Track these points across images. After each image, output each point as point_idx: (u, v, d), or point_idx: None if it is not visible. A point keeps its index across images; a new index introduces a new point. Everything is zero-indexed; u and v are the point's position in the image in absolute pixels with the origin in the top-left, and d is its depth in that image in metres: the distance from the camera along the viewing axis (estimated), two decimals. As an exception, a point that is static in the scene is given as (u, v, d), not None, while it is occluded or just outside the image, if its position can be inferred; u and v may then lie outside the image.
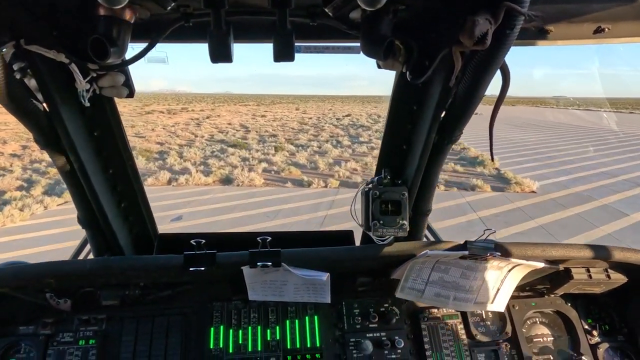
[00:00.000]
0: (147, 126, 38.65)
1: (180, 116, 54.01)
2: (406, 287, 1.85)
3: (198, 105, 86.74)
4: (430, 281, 1.83)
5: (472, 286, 1.83)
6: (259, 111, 68.10)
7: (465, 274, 1.82)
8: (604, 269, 1.96)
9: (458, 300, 1.87)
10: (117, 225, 1.94)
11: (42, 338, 1.80)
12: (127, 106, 75.65)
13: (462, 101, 1.44)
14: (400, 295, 1.86)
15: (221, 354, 1.87)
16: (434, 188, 1.90)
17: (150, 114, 53.89)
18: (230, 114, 61.64)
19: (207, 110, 66.93)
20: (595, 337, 2.10)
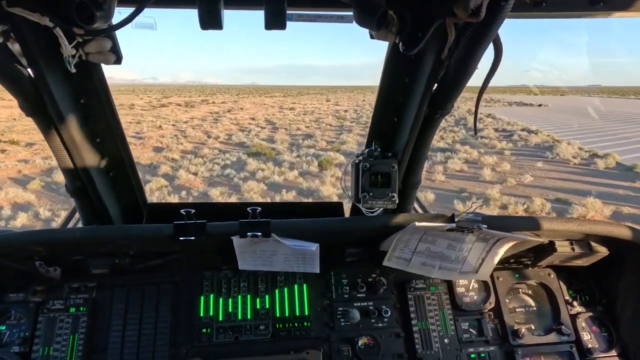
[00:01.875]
0: (156, 122, 34.49)
1: (198, 109, 49.21)
2: (394, 256, 1.89)
3: (221, 97, 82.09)
4: (417, 251, 1.86)
5: (457, 257, 1.87)
6: (286, 103, 62.93)
7: (452, 245, 1.85)
8: (586, 242, 2.01)
9: (443, 269, 1.92)
10: (106, 195, 1.93)
11: (32, 305, 1.81)
12: (144, 98, 71.20)
13: (455, 74, 1.43)
14: (388, 263, 1.90)
15: (211, 321, 1.90)
16: (424, 161, 1.91)
17: (165, 107, 50.06)
18: (255, 106, 56.21)
19: (229, 103, 62.23)
20: (575, 307, 2.17)
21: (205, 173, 16.61)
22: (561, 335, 2.08)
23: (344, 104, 60.46)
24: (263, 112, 47.11)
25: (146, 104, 55.78)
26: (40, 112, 1.54)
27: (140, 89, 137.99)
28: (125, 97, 72.57)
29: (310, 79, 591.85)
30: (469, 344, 2.02)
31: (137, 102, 59.12)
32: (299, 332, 1.93)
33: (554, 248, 1.97)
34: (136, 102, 57.26)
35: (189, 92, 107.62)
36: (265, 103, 63.73)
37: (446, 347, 1.98)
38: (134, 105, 51.36)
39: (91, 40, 1.40)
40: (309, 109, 51.70)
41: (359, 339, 1.94)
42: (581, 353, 2.06)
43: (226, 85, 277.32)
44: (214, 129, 30.20)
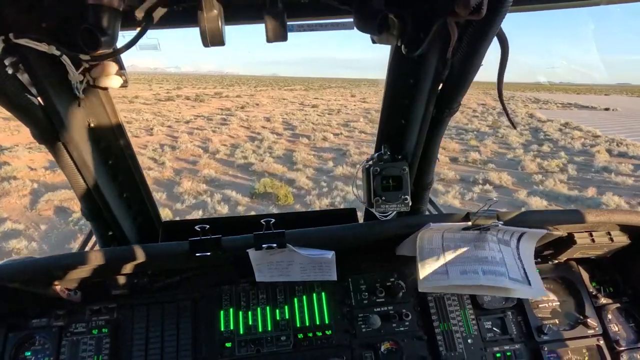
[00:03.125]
0: (151, 122, 27.28)
1: (208, 104, 41.09)
2: (427, 273, 1.79)
3: (238, 89, 72.33)
4: (448, 261, 1.81)
5: (494, 257, 1.81)
6: (308, 98, 54.71)
7: (477, 245, 1.82)
8: (606, 232, 1.97)
9: (488, 274, 1.77)
10: (121, 216, 1.95)
11: (56, 329, 1.83)
12: (155, 89, 62.83)
13: (460, 72, 1.43)
14: (424, 284, 1.78)
15: (232, 335, 1.90)
16: (435, 161, 1.90)
17: (171, 101, 42.30)
18: (273, 102, 48.19)
19: (245, 97, 52.76)
20: (600, 299, 2.13)
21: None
22: (587, 329, 2.04)
23: (372, 101, 51.42)
24: (281, 109, 39.70)
25: (153, 96, 48.15)
26: (52, 139, 1.56)
27: (158, 78, 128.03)
28: (135, 88, 61.45)
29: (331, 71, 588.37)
30: (493, 343, 1.99)
31: (145, 93, 50.53)
32: (320, 341, 1.92)
33: (573, 240, 1.94)
34: (143, 94, 49.01)
35: (206, 83, 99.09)
36: (285, 98, 55.07)
37: (470, 348, 1.95)
38: (137, 97, 43.73)
39: (97, 65, 1.43)
40: (333, 106, 43.94)
41: (382, 344, 1.92)
42: (609, 346, 2.02)
43: (246, 76, 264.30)
44: (217, 135, 23.70)
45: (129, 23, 1.27)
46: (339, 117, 33.57)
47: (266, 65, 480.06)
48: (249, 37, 45.41)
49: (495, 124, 30.15)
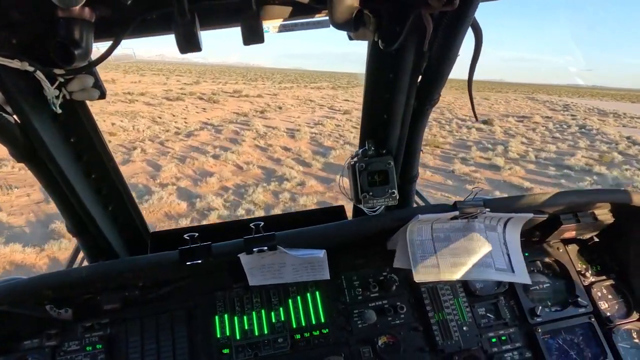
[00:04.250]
0: (139, 136, 19.76)
1: (222, 106, 32.32)
2: (419, 267, 1.83)
3: (260, 86, 60.42)
4: (439, 253, 1.84)
5: (481, 247, 1.85)
6: (337, 100, 43.78)
7: (466, 235, 1.84)
8: (590, 212, 2.01)
9: (477, 266, 1.85)
10: (108, 229, 1.93)
11: (49, 349, 1.80)
12: (170, 83, 54.22)
13: (438, 63, 1.44)
14: (419, 278, 1.83)
15: (229, 341, 1.89)
16: (419, 153, 1.91)
17: (180, 101, 34.06)
18: (298, 104, 38.62)
19: (266, 97, 42.39)
20: (588, 278, 2.18)
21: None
22: (579, 308, 2.08)
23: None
24: (308, 115, 31.41)
25: (164, 92, 40.35)
26: (31, 157, 1.53)
27: (182, 69, 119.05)
28: (150, 81, 54.44)
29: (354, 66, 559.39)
30: (488, 328, 2.01)
31: (156, 89, 42.51)
32: (317, 340, 1.93)
33: (559, 222, 1.98)
34: (154, 90, 41.35)
35: (229, 77, 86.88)
36: (312, 99, 43.53)
37: (466, 335, 1.97)
38: (145, 94, 37.14)
39: (73, 79, 1.40)
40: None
41: (379, 338, 1.93)
42: (601, 323, 2.07)
43: (271, 70, 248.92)
44: (217, 165, 15.85)
45: (103, 34, 1.25)
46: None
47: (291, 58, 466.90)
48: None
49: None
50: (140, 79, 57.01)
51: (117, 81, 49.64)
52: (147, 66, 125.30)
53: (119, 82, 48.17)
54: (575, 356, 2.01)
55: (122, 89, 39.41)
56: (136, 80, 53.33)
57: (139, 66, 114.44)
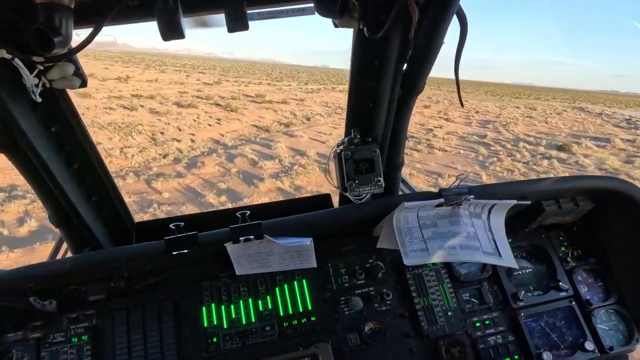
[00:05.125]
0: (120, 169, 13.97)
1: (240, 117, 24.96)
2: (408, 251, 1.84)
3: (286, 86, 52.07)
4: (427, 238, 1.86)
5: (468, 232, 1.86)
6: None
7: (452, 221, 1.86)
8: (571, 198, 2.05)
9: (465, 248, 1.86)
10: (92, 220, 1.90)
11: (33, 342, 1.78)
12: (188, 82, 46.23)
13: (423, 51, 1.44)
14: (408, 261, 1.83)
15: (216, 330, 1.89)
16: (404, 141, 1.92)
17: (192, 108, 26.66)
18: (328, 113, 30.34)
19: (293, 102, 34.54)
20: (569, 262, 2.23)
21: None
22: (560, 292, 2.13)
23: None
24: (340, 132, 12.32)
25: (177, 95, 33.00)
26: (10, 146, 1.49)
27: (206, 65, 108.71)
28: (167, 80, 47.44)
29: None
30: (472, 313, 2.05)
31: (169, 91, 35.13)
32: (305, 328, 1.94)
33: (542, 208, 2.01)
34: (166, 92, 34.06)
35: (253, 75, 77.07)
36: (343, 106, 31.45)
37: (451, 320, 2.01)
38: (154, 97, 29.92)
39: (53, 67, 1.37)
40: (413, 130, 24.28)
41: (365, 325, 1.96)
42: (581, 306, 2.12)
43: (297, 67, 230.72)
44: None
45: (83, 21, 1.22)
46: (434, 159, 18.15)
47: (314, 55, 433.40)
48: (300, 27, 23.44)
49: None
50: (158, 77, 50.45)
51: (132, 79, 43.86)
52: (173, 61, 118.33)
53: (132, 81, 42.10)
54: (556, 338, 2.06)
55: (132, 90, 33.93)
56: (153, 79, 46.70)
57: (164, 61, 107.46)
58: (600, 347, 2.05)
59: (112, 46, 1.38)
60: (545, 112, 43.23)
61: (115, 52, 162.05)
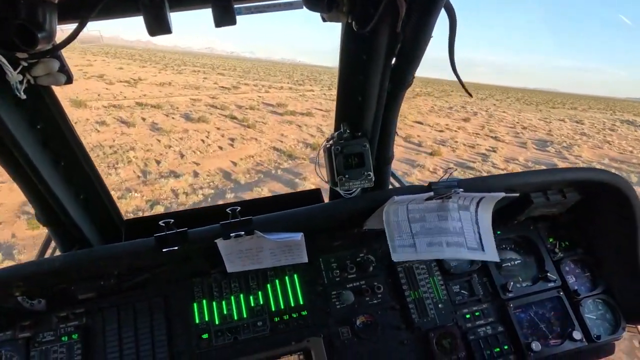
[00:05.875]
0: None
1: (259, 135, 19.52)
2: (397, 246, 1.86)
3: (308, 93, 43.55)
4: (415, 233, 1.87)
5: (455, 227, 1.88)
6: (407, 121, 27.44)
7: (441, 216, 1.88)
8: (559, 190, 2.07)
9: (451, 246, 1.89)
10: (80, 218, 1.88)
11: (22, 341, 1.77)
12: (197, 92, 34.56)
13: (411, 45, 1.44)
14: (396, 257, 1.85)
15: (208, 326, 1.89)
16: (394, 135, 1.92)
17: (203, 123, 21.01)
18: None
19: (318, 113, 28.67)
20: (557, 254, 2.26)
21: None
22: (548, 283, 2.16)
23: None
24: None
25: (189, 103, 27.45)
26: None
27: (227, 65, 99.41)
28: (182, 82, 40.44)
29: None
30: (462, 305, 2.08)
31: (181, 98, 29.06)
32: (296, 322, 1.95)
33: (530, 200, 2.03)
34: (176, 100, 27.57)
35: (274, 77, 69.99)
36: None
37: (441, 312, 2.03)
38: (160, 107, 24.13)
39: (37, 63, 1.35)
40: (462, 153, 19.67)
41: (357, 318, 1.97)
42: (569, 296, 2.15)
43: (318, 69, 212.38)
44: None
45: (67, 16, 1.20)
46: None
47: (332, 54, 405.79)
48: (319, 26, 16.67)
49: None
50: (172, 79, 43.41)
51: (143, 82, 37.99)
52: (193, 60, 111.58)
53: (143, 84, 36.32)
54: (545, 328, 2.09)
55: (139, 95, 28.43)
56: (166, 82, 40.34)
57: (184, 60, 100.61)
58: (588, 336, 2.08)
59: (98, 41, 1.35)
60: (595, 127, 37.68)
61: (137, 51, 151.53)
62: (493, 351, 2.00)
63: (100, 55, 78.08)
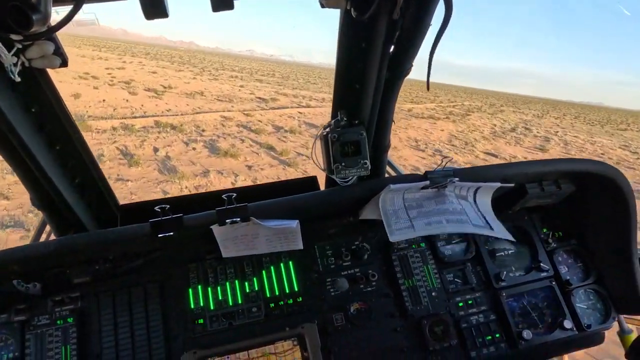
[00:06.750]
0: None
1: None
2: (394, 230, 1.86)
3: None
4: (412, 217, 1.88)
5: (455, 208, 1.90)
6: (477, 151, 21.45)
7: (438, 201, 1.88)
8: (554, 180, 2.08)
9: (452, 222, 1.89)
10: (75, 202, 1.88)
11: (17, 325, 1.77)
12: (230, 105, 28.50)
13: (409, 33, 1.43)
14: (394, 238, 1.85)
15: (203, 311, 1.90)
16: (391, 124, 1.92)
17: (230, 159, 14.61)
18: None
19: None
20: (550, 244, 2.28)
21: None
22: (541, 272, 2.19)
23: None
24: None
25: (220, 122, 21.96)
26: None
27: (266, 70, 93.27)
28: (215, 92, 34.68)
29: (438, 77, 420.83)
30: (455, 293, 2.10)
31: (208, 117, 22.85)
32: (291, 309, 1.96)
33: (525, 191, 2.05)
34: (205, 119, 21.91)
35: (313, 84, 63.52)
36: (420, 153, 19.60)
37: (435, 300, 2.05)
38: (182, 129, 18.57)
39: (32, 46, 1.33)
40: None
41: (351, 305, 1.99)
42: (561, 286, 2.18)
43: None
44: None
45: None
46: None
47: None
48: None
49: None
50: (206, 87, 37.56)
51: (172, 90, 31.70)
52: (233, 63, 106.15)
53: (170, 94, 29.82)
54: (537, 317, 2.12)
55: (160, 111, 23.00)
56: (198, 91, 33.83)
57: (223, 63, 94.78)
58: (579, 325, 2.11)
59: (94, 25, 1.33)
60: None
61: (177, 52, 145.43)
62: (485, 339, 2.03)
63: (139, 57, 74.71)
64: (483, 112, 52.17)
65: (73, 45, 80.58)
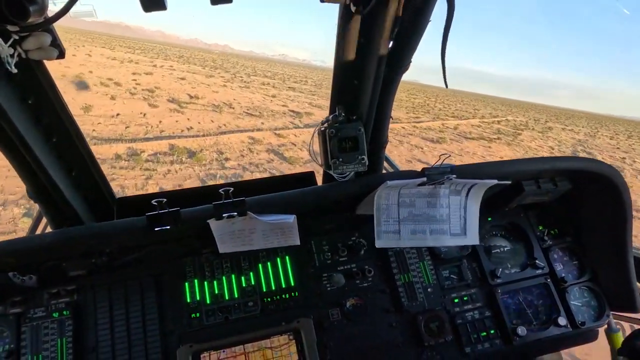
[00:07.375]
0: None
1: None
2: (382, 232, 1.88)
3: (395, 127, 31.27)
4: (402, 219, 1.89)
5: (442, 215, 1.91)
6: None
7: (430, 202, 1.89)
8: (550, 178, 2.09)
9: (434, 234, 1.93)
10: (71, 195, 1.87)
11: (13, 317, 1.77)
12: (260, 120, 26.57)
13: (409, 29, 1.43)
14: (380, 243, 1.90)
15: (199, 305, 1.91)
16: (389, 120, 1.92)
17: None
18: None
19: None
20: (546, 241, 2.29)
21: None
22: (536, 269, 2.20)
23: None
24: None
25: (247, 144, 19.97)
26: None
27: (299, 76, 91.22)
28: (244, 104, 32.28)
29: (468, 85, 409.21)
30: (451, 290, 2.11)
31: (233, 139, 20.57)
32: (287, 303, 1.97)
33: (522, 188, 2.05)
34: (229, 141, 19.92)
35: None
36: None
37: (430, 296, 2.06)
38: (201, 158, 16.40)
39: (29, 37, 1.32)
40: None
41: (347, 300, 1.99)
42: (556, 283, 2.19)
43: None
44: None
45: None
46: None
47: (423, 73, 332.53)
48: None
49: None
50: (235, 98, 34.90)
51: (199, 102, 29.50)
52: (265, 68, 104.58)
53: (195, 107, 27.69)
54: (531, 314, 2.13)
55: (180, 129, 21.19)
56: (227, 102, 31.82)
57: (256, 68, 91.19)
58: (573, 322, 2.13)
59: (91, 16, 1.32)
60: None
61: (211, 55, 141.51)
62: (480, 335, 2.04)
63: (172, 60, 73.29)
64: (531, 129, 49.98)
65: (107, 47, 78.85)
